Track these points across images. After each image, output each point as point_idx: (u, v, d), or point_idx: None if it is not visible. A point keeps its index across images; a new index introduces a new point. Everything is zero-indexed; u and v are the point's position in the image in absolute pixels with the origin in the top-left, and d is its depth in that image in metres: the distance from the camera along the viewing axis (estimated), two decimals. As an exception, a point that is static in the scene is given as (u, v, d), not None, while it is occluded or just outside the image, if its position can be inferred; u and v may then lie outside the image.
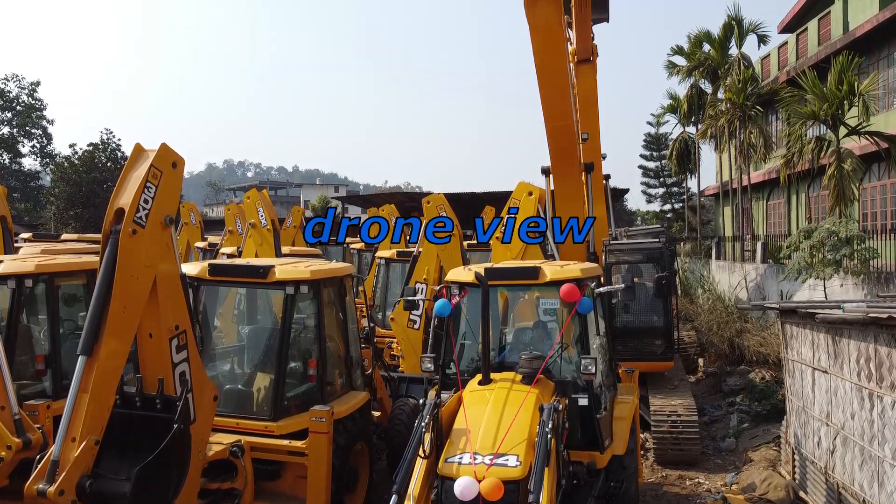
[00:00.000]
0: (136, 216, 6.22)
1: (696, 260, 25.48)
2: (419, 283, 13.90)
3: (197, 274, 8.16)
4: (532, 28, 9.94)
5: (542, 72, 10.56)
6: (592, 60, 15.90)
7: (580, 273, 7.66)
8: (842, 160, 17.81)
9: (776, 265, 17.76)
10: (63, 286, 8.61)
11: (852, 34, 21.28)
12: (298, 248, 16.66)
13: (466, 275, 7.93)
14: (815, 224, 13.36)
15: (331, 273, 8.58)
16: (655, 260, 12.21)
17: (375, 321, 15.89)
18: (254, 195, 14.04)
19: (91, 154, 31.44)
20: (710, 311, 16.25)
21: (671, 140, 34.68)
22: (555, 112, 11.15)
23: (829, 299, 12.95)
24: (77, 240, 18.01)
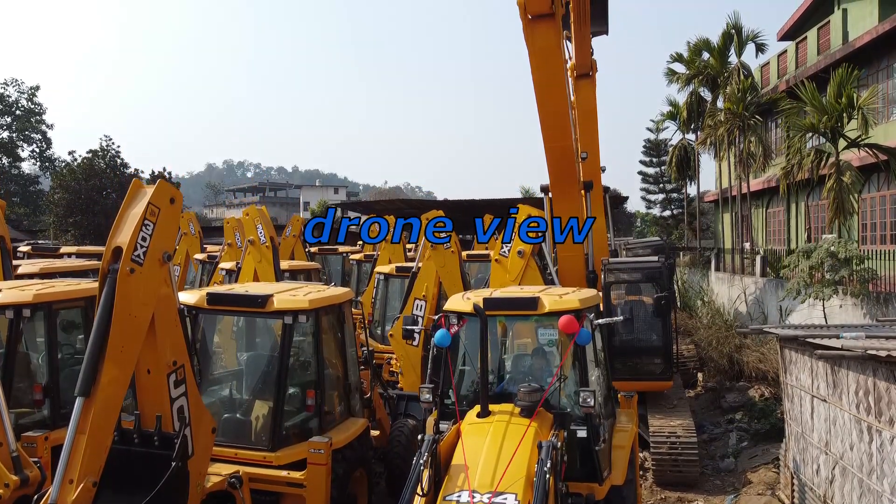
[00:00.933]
0: (135, 254, 6.22)
1: (696, 271, 25.47)
2: (418, 299, 13.90)
3: (195, 303, 8.16)
4: (531, 51, 9.97)
5: (541, 94, 10.58)
6: (592, 75, 15.96)
7: (579, 304, 7.65)
8: (841, 173, 17.82)
9: (776, 279, 17.75)
10: (62, 313, 8.59)
11: (851, 45, 21.27)
12: (298, 262, 16.61)
13: (465, 304, 7.92)
14: (814, 244, 13.35)
15: (329, 301, 8.58)
16: (654, 280, 12.21)
17: (374, 336, 15.91)
18: (252, 212, 14.04)
19: (90, 161, 31.42)
20: (708, 326, 16.25)
21: (671, 146, 34.70)
22: (554, 133, 11.17)
23: (829, 321, 12.97)
24: (76, 253, 17.97)
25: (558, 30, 9.90)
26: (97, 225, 30.35)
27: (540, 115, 10.93)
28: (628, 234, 73.70)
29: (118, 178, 31.22)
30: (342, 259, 25.84)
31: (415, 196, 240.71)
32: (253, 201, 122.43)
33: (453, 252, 13.64)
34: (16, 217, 47.52)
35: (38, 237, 37.42)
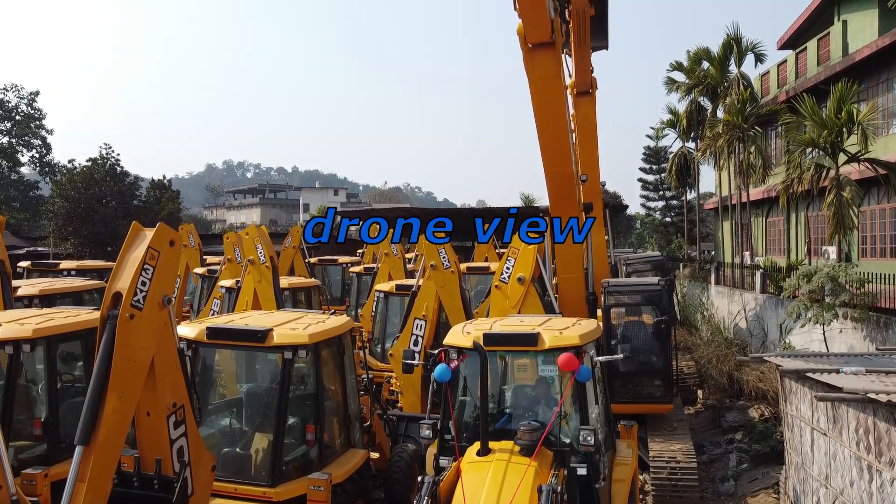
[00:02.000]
0: (134, 299, 6.21)
1: (696, 285, 25.46)
2: (418, 319, 13.90)
3: (195, 337, 8.16)
4: (531, 79, 9.96)
5: (541, 120, 10.59)
6: (592, 93, 15.97)
7: (578, 340, 7.65)
8: (841, 188, 17.82)
9: (775, 297, 17.74)
10: (62, 346, 8.59)
11: (851, 58, 21.28)
12: (297, 279, 16.58)
13: (465, 339, 7.93)
14: (814, 267, 13.35)
15: (329, 334, 8.57)
16: (655, 302, 12.21)
17: (374, 354, 15.90)
18: (252, 231, 14.02)
19: (90, 169, 31.41)
20: (708, 343, 16.25)
21: (671, 154, 34.68)
22: (554, 158, 11.19)
23: (829, 344, 12.96)
24: (75, 269, 17.97)
25: (558, 58, 9.90)
26: (97, 233, 30.32)
27: (540, 141, 10.93)
28: (628, 237, 73.73)
29: (118, 186, 31.19)
30: (342, 270, 25.86)
31: (414, 196, 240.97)
32: (253, 203, 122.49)
33: (453, 272, 13.65)
34: (15, 222, 47.54)
35: (38, 244, 37.41)
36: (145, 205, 32.82)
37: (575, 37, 13.78)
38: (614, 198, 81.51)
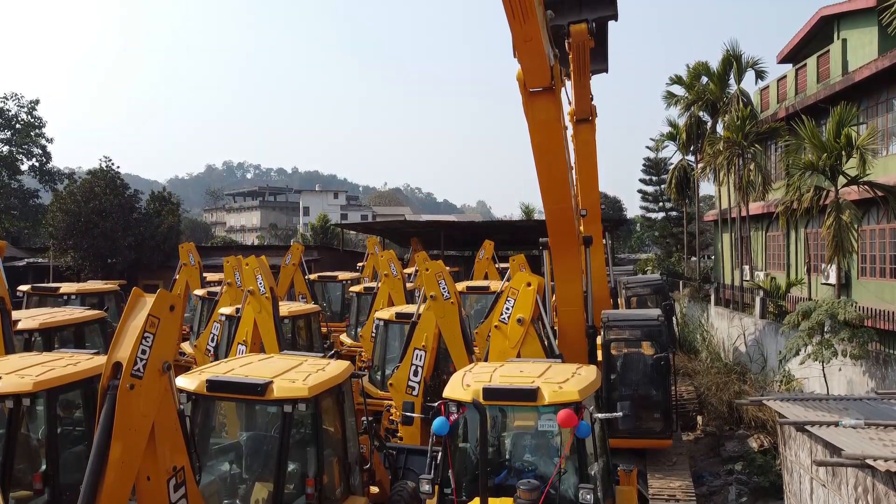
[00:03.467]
0: (135, 369, 6.23)
1: (695, 304, 25.46)
2: (418, 349, 13.92)
3: (195, 389, 8.16)
4: (531, 124, 9.98)
5: (541, 161, 10.60)
6: (591, 120, 15.97)
7: (578, 396, 7.67)
8: (840, 211, 17.85)
9: (775, 323, 17.76)
10: (61, 396, 8.61)
11: (851, 78, 21.27)
12: (297, 306, 16.56)
13: (464, 393, 7.95)
14: (814, 303, 13.36)
15: (329, 384, 8.57)
16: (654, 338, 12.23)
17: (374, 382, 15.91)
18: (252, 262, 14.03)
19: (89, 182, 31.42)
20: (708, 369, 16.26)
21: (670, 165, 34.69)
22: (553, 196, 11.21)
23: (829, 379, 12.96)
24: (76, 293, 17.99)
25: (558, 102, 9.91)
26: (97, 247, 30.32)
27: (539, 179, 10.95)
28: (627, 241, 73.65)
29: (118, 199, 31.19)
30: (342, 287, 25.88)
31: (414, 197, 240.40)
32: (253, 205, 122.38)
33: (453, 303, 13.67)
34: (15, 230, 47.52)
35: (38, 255, 37.39)
36: (145, 217, 32.79)
37: (575, 67, 13.78)
38: (614, 202, 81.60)
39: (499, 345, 10.66)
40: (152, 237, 31.86)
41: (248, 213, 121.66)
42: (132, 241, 30.95)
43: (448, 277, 13.76)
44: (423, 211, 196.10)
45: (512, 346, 10.53)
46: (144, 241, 31.60)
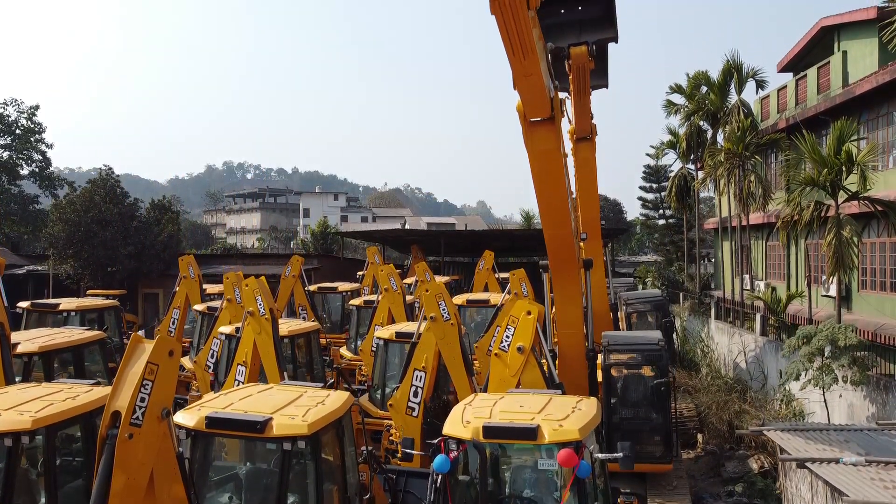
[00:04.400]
0: (133, 417, 6.22)
1: (696, 318, 25.43)
2: (418, 370, 13.91)
3: (194, 426, 8.14)
4: (530, 153, 9.95)
5: (541, 190, 10.58)
6: (591, 138, 15.94)
7: (578, 434, 7.65)
8: (841, 226, 17.83)
9: (775, 341, 17.73)
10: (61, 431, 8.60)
11: (851, 92, 21.25)
12: (296, 325, 16.50)
13: (464, 431, 7.95)
14: (814, 328, 13.33)
15: (329, 418, 8.56)
16: (654, 362, 12.21)
17: (374, 401, 15.89)
18: (252, 283, 14.00)
19: (89, 192, 31.39)
20: (708, 387, 16.24)
21: (671, 173, 34.64)
22: (553, 221, 11.19)
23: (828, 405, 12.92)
24: (76, 309, 17.98)
25: (558, 132, 9.88)
26: (96, 256, 30.29)
27: (539, 206, 10.94)
28: (627, 243, 73.63)
29: (117, 208, 31.16)
30: (341, 298, 25.86)
31: (414, 197, 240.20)
32: (253, 207, 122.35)
33: (453, 324, 13.66)
34: (15, 236, 47.50)
35: (38, 263, 37.36)
36: (145, 225, 32.75)
37: (575, 88, 13.74)
38: (614, 206, 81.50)
39: (499, 373, 10.63)
40: (152, 246, 31.82)
41: (248, 214, 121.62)
42: (132, 249, 30.92)
43: (448, 298, 13.75)
44: (423, 211, 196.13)
45: (512, 374, 10.51)
46: (144, 250, 31.57)
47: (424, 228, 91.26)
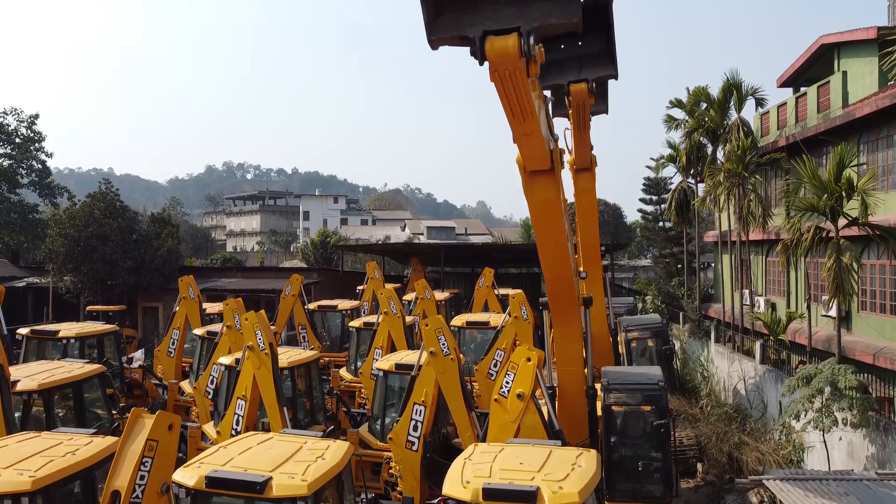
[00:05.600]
0: (133, 496, 6.24)
1: (695, 340, 25.42)
2: (417, 404, 13.92)
3: (193, 485, 8.13)
4: (530, 203, 9.94)
5: (541, 236, 10.59)
6: (591, 169, 15.94)
7: (577, 498, 7.66)
8: (840, 253, 17.84)
9: (775, 371, 17.73)
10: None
11: (851, 114, 21.22)
12: (296, 354, 16.44)
13: (464, 492, 7.96)
14: (815, 368, 13.33)
15: (329, 475, 8.59)
16: (655, 403, 12.21)
17: (374, 432, 15.88)
18: (252, 318, 13.98)
19: (89, 206, 31.38)
20: (708, 416, 16.24)
21: (671, 185, 34.65)
22: (553, 265, 11.19)
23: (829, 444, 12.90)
24: (76, 337, 17.98)
25: (558, 182, 9.87)
26: (96, 271, 30.29)
27: (540, 252, 10.93)
28: (627, 247, 73.57)
29: (117, 223, 31.15)
30: (341, 316, 25.86)
31: (414, 198, 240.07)
32: (252, 209, 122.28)
33: (453, 359, 13.66)
34: (15, 244, 47.47)
35: (37, 274, 37.29)
36: (145, 238, 32.74)
37: (574, 122, 13.76)
38: (614, 210, 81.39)
39: (499, 418, 10.64)
40: (152, 260, 31.83)
41: (248, 217, 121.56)
42: (132, 264, 30.93)
43: (448, 333, 13.74)
44: (423, 212, 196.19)
45: (512, 420, 10.52)
46: (144, 264, 31.57)
47: (423, 233, 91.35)
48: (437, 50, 7.10)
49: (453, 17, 6.97)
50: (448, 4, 6.98)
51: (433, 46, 7.03)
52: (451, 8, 6.97)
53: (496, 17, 6.88)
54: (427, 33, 6.85)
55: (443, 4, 6.96)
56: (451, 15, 6.98)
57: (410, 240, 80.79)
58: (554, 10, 6.78)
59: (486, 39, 6.70)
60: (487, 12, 6.94)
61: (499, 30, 6.72)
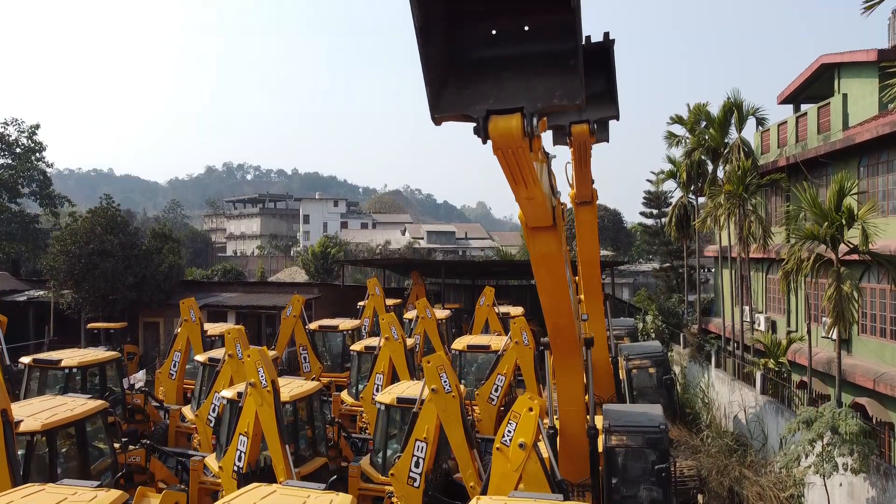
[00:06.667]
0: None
1: (695, 364, 25.47)
2: (419, 440, 13.96)
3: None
4: (532, 256, 9.99)
5: (543, 287, 10.63)
6: (592, 202, 15.98)
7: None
8: (841, 282, 17.88)
9: (776, 403, 17.76)
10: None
11: (851, 139, 21.25)
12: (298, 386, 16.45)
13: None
14: (815, 413, 13.35)
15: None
16: (656, 446, 12.26)
17: (375, 465, 15.92)
18: (254, 355, 14.02)
19: (91, 223, 31.41)
20: (709, 448, 16.28)
21: (671, 199, 34.70)
22: (555, 313, 11.24)
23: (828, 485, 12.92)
24: (78, 366, 18.01)
25: (559, 237, 9.90)
26: (97, 288, 30.32)
27: (541, 300, 10.99)
28: (627, 251, 73.64)
29: (118, 239, 31.18)
30: (342, 337, 25.89)
31: (414, 199, 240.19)
32: (252, 213, 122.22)
33: (454, 397, 13.71)
34: (15, 254, 47.50)
35: (38, 287, 37.32)
36: (146, 254, 32.77)
37: (575, 160, 13.81)
38: (614, 215, 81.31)
39: (501, 468, 10.68)
40: (153, 276, 31.87)
41: (248, 220, 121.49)
42: (133, 280, 30.98)
43: (450, 370, 13.79)
44: (423, 213, 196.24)
45: (514, 469, 10.56)
46: (145, 280, 31.62)
47: (424, 237, 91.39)
48: (440, 126, 7.12)
49: (457, 91, 6.98)
50: (451, 76, 6.99)
51: (436, 123, 7.05)
52: (454, 81, 6.98)
53: (499, 95, 6.88)
54: (431, 110, 6.88)
55: (446, 77, 6.97)
56: (455, 88, 6.99)
57: (410, 244, 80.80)
58: (557, 90, 6.78)
59: (489, 119, 6.72)
60: (490, 86, 6.96)
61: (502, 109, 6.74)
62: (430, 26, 6.59)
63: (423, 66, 6.57)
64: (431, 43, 6.60)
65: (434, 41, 6.64)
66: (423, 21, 6.45)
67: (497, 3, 6.69)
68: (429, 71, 6.62)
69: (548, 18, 6.63)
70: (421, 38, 6.45)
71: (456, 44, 7.01)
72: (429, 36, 6.53)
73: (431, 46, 6.62)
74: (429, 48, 6.56)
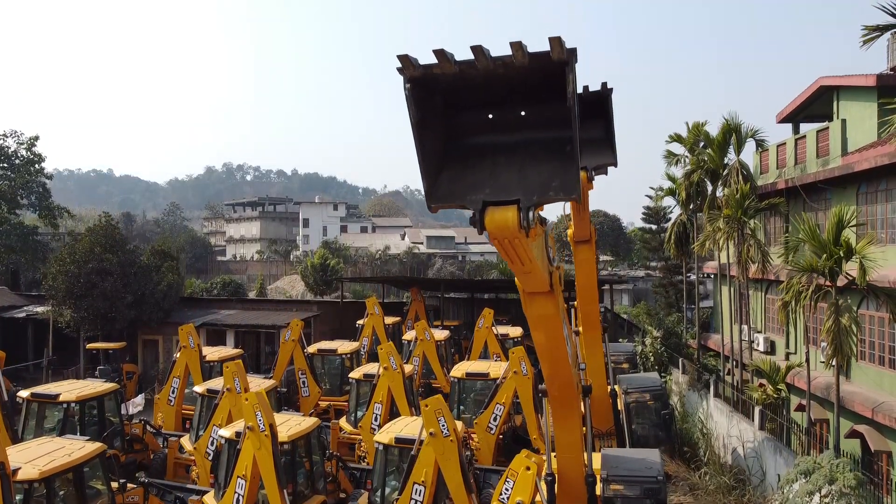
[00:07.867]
0: None
1: (694, 391, 25.47)
2: (417, 484, 13.97)
3: None
4: (530, 318, 9.96)
5: (542, 349, 10.59)
6: (590, 241, 15.99)
7: None
8: (839, 314, 17.91)
9: (774, 440, 17.78)
10: None
11: (850, 167, 21.26)
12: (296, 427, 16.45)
13: None
14: (813, 462, 13.37)
15: None
16: (653, 496, 12.28)
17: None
18: (252, 398, 14.00)
19: (90, 242, 31.40)
20: (707, 486, 16.28)
21: (671, 215, 34.72)
22: (553, 369, 11.20)
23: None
24: (76, 399, 18.01)
25: (557, 302, 9.88)
26: (96, 307, 30.32)
27: (539, 357, 10.96)
28: (627, 257, 73.71)
29: (117, 257, 31.18)
30: (341, 360, 25.89)
31: (414, 199, 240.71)
32: (252, 216, 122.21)
33: (452, 441, 13.70)
34: (14, 265, 47.52)
35: (36, 302, 37.30)
36: (145, 270, 32.75)
37: (574, 204, 13.80)
38: (614, 221, 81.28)
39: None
40: (152, 294, 31.89)
41: (247, 223, 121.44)
42: (132, 299, 30.99)
43: (448, 414, 13.78)
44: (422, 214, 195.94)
45: (512, 526, 10.56)
46: (144, 298, 31.64)
47: (423, 241, 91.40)
48: (435, 213, 7.11)
49: (453, 179, 6.94)
50: (448, 162, 6.96)
51: (432, 211, 7.04)
52: (451, 167, 6.95)
53: (495, 185, 6.85)
54: (427, 200, 6.86)
55: (442, 165, 6.94)
56: (451, 175, 6.96)
57: (410, 249, 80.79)
58: (554, 181, 6.75)
59: (485, 211, 6.70)
60: (487, 175, 6.93)
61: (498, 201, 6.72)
62: (428, 119, 6.57)
63: (419, 158, 6.56)
64: (428, 137, 6.58)
65: (431, 134, 6.63)
66: (419, 116, 6.44)
67: (493, 96, 6.67)
68: (425, 163, 6.60)
69: (544, 109, 6.62)
70: (417, 132, 6.44)
71: (452, 132, 7.00)
72: (426, 129, 6.51)
73: (428, 140, 6.60)
74: (425, 142, 6.55)
